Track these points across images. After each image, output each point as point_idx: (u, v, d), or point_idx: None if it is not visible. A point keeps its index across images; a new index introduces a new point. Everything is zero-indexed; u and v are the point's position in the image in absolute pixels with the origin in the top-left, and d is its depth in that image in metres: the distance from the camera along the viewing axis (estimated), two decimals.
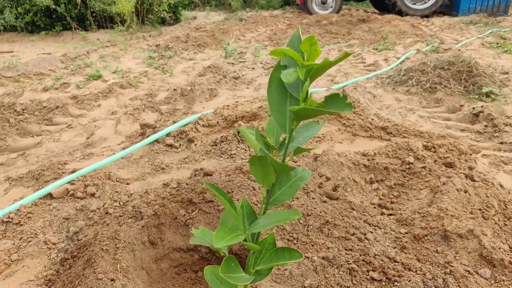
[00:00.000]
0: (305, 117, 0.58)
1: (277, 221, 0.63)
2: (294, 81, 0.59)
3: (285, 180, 0.73)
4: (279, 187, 0.72)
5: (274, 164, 0.55)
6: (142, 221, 1.99)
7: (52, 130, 3.78)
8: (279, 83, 0.62)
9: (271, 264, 0.68)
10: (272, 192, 0.73)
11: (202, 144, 3.11)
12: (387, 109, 4.31)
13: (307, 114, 0.56)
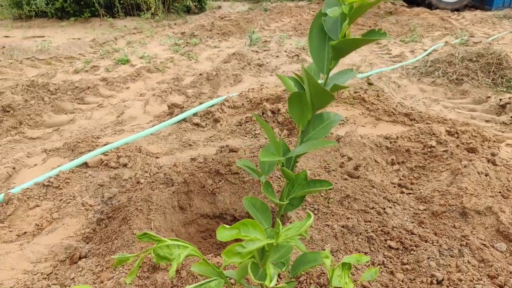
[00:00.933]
0: (343, 51, 0.67)
1: (313, 146, 0.72)
2: (333, 25, 0.68)
3: (318, 122, 0.82)
4: (312, 128, 0.81)
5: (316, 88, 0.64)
6: (173, 187, 2.12)
7: (84, 108, 3.95)
8: (319, 29, 0.71)
9: (303, 191, 0.78)
10: (306, 132, 0.82)
11: (227, 124, 3.22)
12: (411, 99, 4.33)
13: (346, 47, 0.65)
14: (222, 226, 0.68)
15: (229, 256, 0.61)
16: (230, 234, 0.67)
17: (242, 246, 0.62)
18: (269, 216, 0.84)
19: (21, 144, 3.14)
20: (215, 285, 0.75)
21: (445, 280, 1.59)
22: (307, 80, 0.64)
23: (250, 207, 0.85)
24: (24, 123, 3.43)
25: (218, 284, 0.75)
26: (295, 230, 0.67)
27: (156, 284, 1.55)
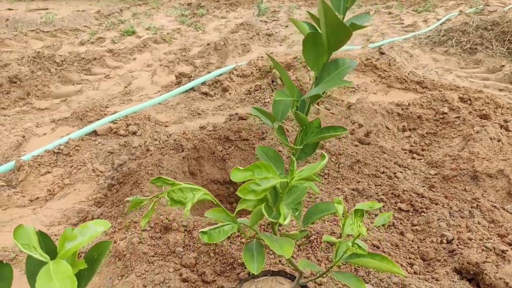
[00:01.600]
0: None
1: (328, 86, 0.71)
2: None
3: (333, 68, 0.79)
4: (327, 74, 0.79)
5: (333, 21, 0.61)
6: (183, 153, 2.12)
7: (91, 79, 3.94)
8: None
9: (317, 137, 0.76)
10: (320, 78, 0.80)
11: (236, 93, 3.19)
12: (423, 68, 4.25)
13: None
14: (236, 168, 0.67)
15: (244, 193, 0.60)
16: (244, 175, 0.67)
17: (256, 184, 0.61)
18: (281, 164, 0.83)
19: (29, 115, 3.15)
20: (229, 228, 0.75)
21: (455, 240, 1.59)
22: (324, 13, 0.62)
23: (263, 155, 0.84)
24: (32, 94, 3.43)
25: (232, 228, 0.75)
26: (309, 171, 0.66)
27: (168, 244, 1.56)
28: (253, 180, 0.61)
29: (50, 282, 0.49)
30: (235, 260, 1.48)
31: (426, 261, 1.53)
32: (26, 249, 0.58)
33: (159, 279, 1.43)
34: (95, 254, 0.66)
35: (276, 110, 0.80)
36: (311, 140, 0.77)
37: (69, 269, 0.51)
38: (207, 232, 0.74)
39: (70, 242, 0.57)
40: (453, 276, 1.42)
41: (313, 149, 0.82)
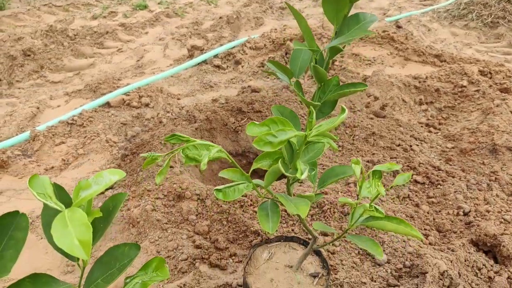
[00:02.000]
0: None
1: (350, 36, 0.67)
2: None
3: (353, 23, 0.76)
4: (347, 28, 0.76)
5: None
6: (196, 124, 2.10)
7: (103, 53, 3.92)
8: None
9: (336, 93, 0.73)
10: (340, 32, 0.76)
11: (249, 66, 3.14)
12: (441, 42, 4.12)
13: None
14: (252, 122, 0.65)
15: (260, 145, 0.58)
16: (260, 130, 0.65)
17: (273, 136, 0.59)
18: (298, 124, 0.80)
19: (43, 88, 3.16)
20: (244, 187, 0.73)
21: (472, 212, 1.56)
22: None
23: (278, 114, 0.81)
24: (46, 67, 3.43)
25: (247, 187, 0.74)
26: (328, 125, 0.63)
27: (182, 212, 1.56)
28: (270, 132, 0.59)
29: (65, 228, 0.49)
30: (248, 228, 1.48)
31: (441, 232, 1.50)
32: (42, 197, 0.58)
33: (172, 246, 1.44)
34: (110, 206, 0.65)
35: (294, 65, 0.77)
36: (330, 97, 0.74)
37: (84, 216, 0.50)
38: (222, 190, 0.72)
39: (85, 191, 0.56)
40: (469, 248, 1.40)
41: (332, 107, 0.79)
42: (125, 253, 0.65)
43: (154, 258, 0.67)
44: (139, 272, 0.66)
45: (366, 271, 1.29)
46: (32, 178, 0.62)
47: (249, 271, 1.04)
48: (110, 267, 0.64)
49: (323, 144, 0.73)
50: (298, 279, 1.01)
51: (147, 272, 0.66)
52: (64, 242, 0.46)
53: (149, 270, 0.66)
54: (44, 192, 0.59)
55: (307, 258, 1.07)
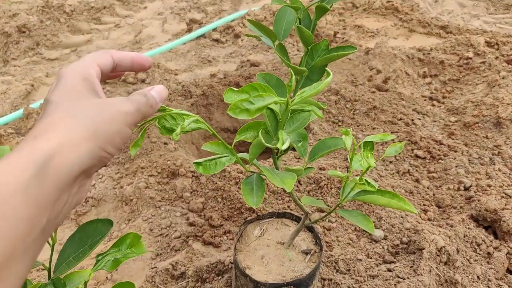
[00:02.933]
0: None
1: None
2: None
3: None
4: None
5: None
6: (191, 99, 2.05)
7: (101, 28, 3.84)
8: None
9: (324, 57, 0.68)
10: None
11: (248, 39, 3.06)
12: (448, 14, 3.99)
13: None
14: (230, 89, 0.60)
15: (236, 112, 0.53)
16: (238, 97, 0.60)
17: (250, 102, 0.54)
18: (284, 92, 0.75)
19: (39, 65, 3.10)
20: (226, 160, 0.69)
21: (473, 186, 1.52)
22: None
23: (264, 83, 0.76)
24: (41, 44, 3.37)
25: (229, 160, 0.69)
26: (311, 91, 0.58)
27: (176, 189, 1.53)
28: (246, 98, 0.55)
29: None
30: (243, 205, 1.45)
31: (441, 208, 1.47)
32: None
33: (165, 223, 1.42)
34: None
35: (278, 27, 0.71)
36: (317, 62, 0.69)
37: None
38: (201, 163, 0.68)
39: None
40: (469, 223, 1.36)
41: (320, 74, 0.74)
42: (98, 229, 0.61)
43: (128, 234, 0.64)
44: (112, 248, 0.62)
45: (362, 247, 1.26)
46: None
47: (240, 248, 1.01)
48: (82, 244, 0.61)
49: (309, 113, 0.68)
50: (290, 256, 0.98)
51: (121, 249, 0.62)
52: None
53: (123, 246, 0.63)
54: None
55: (300, 235, 1.03)
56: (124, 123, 0.45)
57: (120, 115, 0.44)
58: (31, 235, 0.36)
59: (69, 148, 0.39)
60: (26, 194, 0.35)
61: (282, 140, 0.58)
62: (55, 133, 0.39)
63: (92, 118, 0.42)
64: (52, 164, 0.37)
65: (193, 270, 1.21)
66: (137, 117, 0.47)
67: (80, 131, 0.40)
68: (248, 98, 0.54)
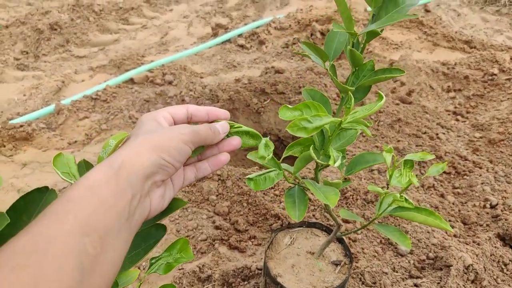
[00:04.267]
0: None
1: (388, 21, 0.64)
2: None
3: (392, 6, 0.72)
4: (385, 12, 0.72)
5: None
6: (218, 103, 2.09)
7: (128, 29, 3.91)
8: None
9: (372, 78, 0.71)
10: (377, 17, 0.73)
11: (273, 46, 3.09)
12: (471, 28, 3.96)
13: None
14: (285, 106, 0.63)
15: (294, 130, 0.56)
16: (293, 114, 0.62)
17: (308, 121, 0.57)
18: (329, 108, 0.78)
19: (68, 62, 3.18)
20: (275, 176, 0.72)
21: (500, 205, 1.51)
22: None
23: (309, 98, 0.79)
24: (71, 41, 3.45)
25: (278, 175, 0.72)
26: (364, 112, 0.61)
27: (202, 191, 1.57)
28: (305, 117, 0.57)
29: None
30: (268, 211, 1.47)
31: (467, 224, 1.47)
32: (66, 177, 0.57)
33: (192, 225, 1.45)
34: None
35: (329, 48, 0.74)
36: (364, 82, 0.71)
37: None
38: (253, 178, 0.71)
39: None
40: (495, 242, 1.37)
41: (365, 93, 0.76)
42: (152, 233, 0.64)
43: (178, 240, 0.67)
44: (164, 253, 0.65)
45: (388, 260, 1.27)
46: (56, 157, 0.61)
47: (270, 255, 1.03)
48: (136, 247, 0.64)
49: (355, 131, 0.70)
50: (320, 266, 1.00)
51: (172, 254, 0.66)
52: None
53: (174, 251, 0.66)
54: (69, 171, 0.59)
55: (330, 246, 1.05)
56: (180, 140, 0.55)
57: (178, 135, 0.55)
58: (117, 218, 0.46)
59: (136, 158, 0.51)
60: (107, 187, 0.47)
61: (334, 157, 0.60)
62: (128, 150, 0.52)
63: (156, 137, 0.54)
64: (124, 167, 0.49)
65: (219, 273, 1.24)
66: (193, 137, 0.57)
67: (146, 146, 0.53)
68: (306, 117, 0.56)
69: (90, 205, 0.44)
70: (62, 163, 0.61)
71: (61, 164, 0.62)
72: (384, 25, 0.68)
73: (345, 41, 0.72)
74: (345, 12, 0.64)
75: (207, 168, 0.65)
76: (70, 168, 0.62)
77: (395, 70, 0.71)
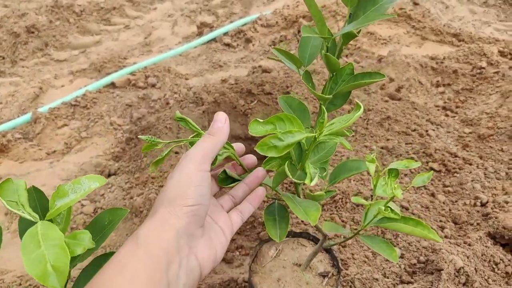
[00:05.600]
0: None
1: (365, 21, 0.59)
2: None
3: (370, 4, 0.67)
4: (363, 11, 0.67)
5: None
6: (203, 106, 2.03)
7: (110, 29, 3.83)
8: None
9: (351, 84, 0.66)
10: (355, 16, 0.68)
11: (260, 44, 3.04)
12: (459, 21, 3.94)
13: None
14: (255, 120, 0.58)
15: (264, 149, 0.51)
16: (264, 129, 0.57)
17: (279, 139, 0.52)
18: (307, 117, 0.73)
19: (48, 66, 3.09)
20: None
21: (490, 203, 1.48)
22: None
23: (286, 106, 0.74)
24: (50, 45, 3.36)
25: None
26: (341, 124, 0.56)
27: None
28: (275, 134, 0.52)
29: (38, 248, 0.43)
30: (255, 219, 1.43)
31: (458, 224, 1.43)
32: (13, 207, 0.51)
33: None
34: (106, 220, 0.59)
35: (303, 52, 0.68)
36: (343, 88, 0.66)
37: (60, 235, 0.44)
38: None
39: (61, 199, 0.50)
40: (486, 241, 1.33)
41: (344, 99, 0.71)
42: None
43: None
44: None
45: (378, 266, 1.23)
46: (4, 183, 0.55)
47: (255, 269, 0.98)
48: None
49: (334, 142, 0.65)
50: (307, 278, 0.95)
51: None
52: (35, 267, 0.40)
53: None
54: (17, 199, 0.53)
55: (317, 256, 1.01)
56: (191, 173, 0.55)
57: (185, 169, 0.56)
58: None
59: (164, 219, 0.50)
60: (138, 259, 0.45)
61: (310, 175, 0.55)
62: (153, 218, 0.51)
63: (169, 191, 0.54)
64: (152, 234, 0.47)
65: (205, 287, 1.19)
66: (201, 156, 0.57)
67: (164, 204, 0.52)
68: (277, 134, 0.51)
69: None
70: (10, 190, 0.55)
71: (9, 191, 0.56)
72: (361, 26, 0.63)
73: (320, 45, 0.67)
74: (316, 15, 0.59)
75: (249, 207, 0.65)
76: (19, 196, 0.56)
77: (375, 74, 0.67)
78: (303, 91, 2.21)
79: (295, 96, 2.07)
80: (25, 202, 0.53)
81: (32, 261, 0.42)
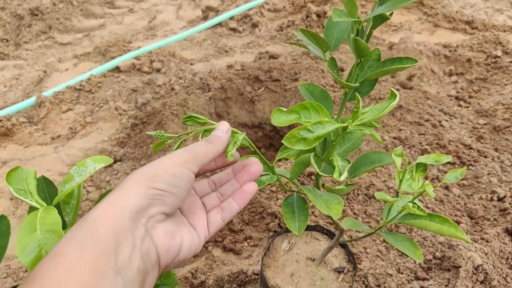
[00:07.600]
0: None
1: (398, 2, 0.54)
2: None
3: None
4: None
5: None
6: (210, 93, 1.98)
7: (114, 13, 3.75)
8: None
9: (379, 70, 0.60)
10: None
11: (266, 29, 2.97)
12: (471, 8, 3.84)
13: None
14: (278, 109, 0.53)
15: (292, 142, 0.46)
16: (288, 119, 0.53)
17: (308, 130, 0.47)
18: (330, 105, 0.68)
19: (52, 50, 3.03)
20: (267, 179, 0.62)
21: (507, 197, 1.43)
22: None
23: (307, 94, 0.69)
24: (54, 28, 3.30)
25: (270, 178, 0.63)
26: (373, 113, 0.51)
27: None
28: (304, 125, 0.47)
29: (32, 233, 0.39)
30: (265, 209, 1.39)
31: (473, 219, 1.39)
32: (21, 194, 0.47)
33: None
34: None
35: (329, 36, 0.63)
36: (371, 75, 0.61)
37: (58, 220, 0.40)
38: None
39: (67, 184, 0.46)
40: (503, 238, 1.29)
41: (371, 86, 0.66)
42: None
43: None
44: None
45: (392, 261, 1.19)
46: (12, 171, 0.51)
47: (267, 263, 0.94)
48: None
49: (362, 133, 0.61)
50: (321, 274, 0.92)
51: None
52: (28, 254, 0.36)
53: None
54: (25, 188, 0.49)
55: (331, 251, 0.97)
56: (174, 163, 0.49)
57: (171, 158, 0.50)
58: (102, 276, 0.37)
59: (124, 196, 0.44)
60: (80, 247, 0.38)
61: (339, 169, 0.51)
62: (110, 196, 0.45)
63: (146, 169, 0.48)
64: (103, 214, 0.41)
65: (214, 279, 1.16)
66: (189, 155, 0.51)
67: (134, 180, 0.46)
68: (306, 125, 0.46)
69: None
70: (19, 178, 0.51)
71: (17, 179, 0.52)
72: (394, 7, 0.58)
73: (347, 29, 0.62)
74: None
75: (233, 205, 0.57)
76: (28, 185, 0.52)
77: (406, 59, 0.61)
78: (312, 78, 2.15)
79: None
80: (34, 190, 0.49)
81: (24, 247, 0.37)
